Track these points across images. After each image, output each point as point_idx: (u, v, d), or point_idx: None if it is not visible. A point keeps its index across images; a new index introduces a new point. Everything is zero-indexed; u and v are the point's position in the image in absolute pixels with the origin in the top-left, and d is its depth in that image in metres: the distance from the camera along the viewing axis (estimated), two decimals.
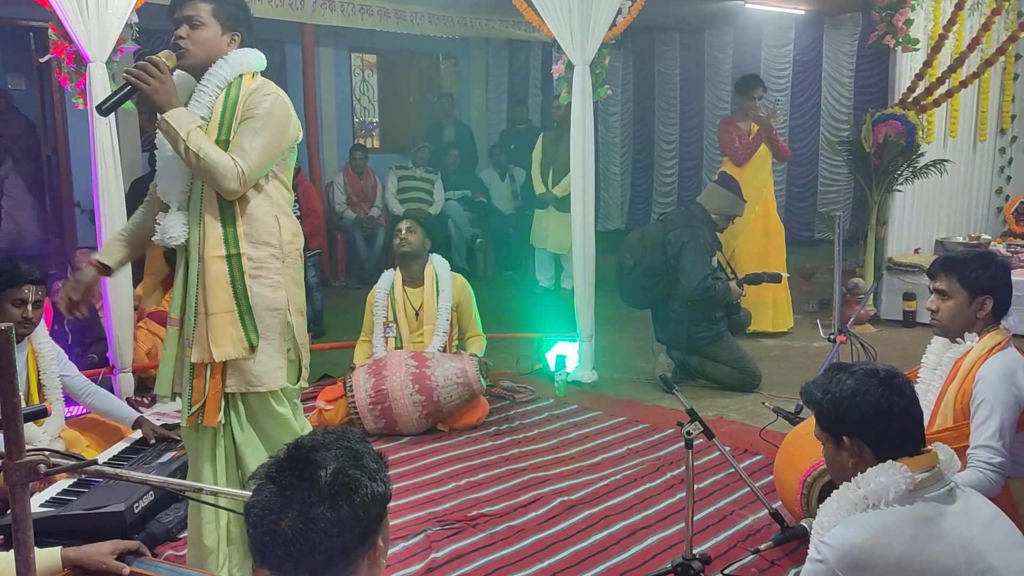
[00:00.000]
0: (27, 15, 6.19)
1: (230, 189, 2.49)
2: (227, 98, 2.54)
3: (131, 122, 7.21)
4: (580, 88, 4.83)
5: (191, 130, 2.45)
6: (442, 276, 4.64)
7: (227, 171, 2.46)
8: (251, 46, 2.62)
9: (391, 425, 4.22)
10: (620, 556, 3.08)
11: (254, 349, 2.54)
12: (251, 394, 2.58)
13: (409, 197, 8.34)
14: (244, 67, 2.57)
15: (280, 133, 2.55)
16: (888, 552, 1.74)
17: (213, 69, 2.54)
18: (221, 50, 2.55)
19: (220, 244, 2.52)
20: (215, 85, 2.54)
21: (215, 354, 2.51)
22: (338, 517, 1.32)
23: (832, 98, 9.34)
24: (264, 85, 2.57)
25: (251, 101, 2.53)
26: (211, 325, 2.51)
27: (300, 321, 2.67)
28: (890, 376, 1.89)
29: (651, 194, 10.87)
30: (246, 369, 2.55)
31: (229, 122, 2.52)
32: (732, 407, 4.68)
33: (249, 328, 2.54)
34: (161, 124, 2.47)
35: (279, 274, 2.60)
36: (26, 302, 3.38)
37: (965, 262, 2.67)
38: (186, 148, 2.44)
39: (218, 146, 2.49)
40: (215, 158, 2.45)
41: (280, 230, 2.60)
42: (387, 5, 7.87)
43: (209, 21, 2.52)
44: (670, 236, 4.90)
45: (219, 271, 2.52)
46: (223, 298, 2.51)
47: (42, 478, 1.34)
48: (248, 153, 2.49)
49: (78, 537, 2.51)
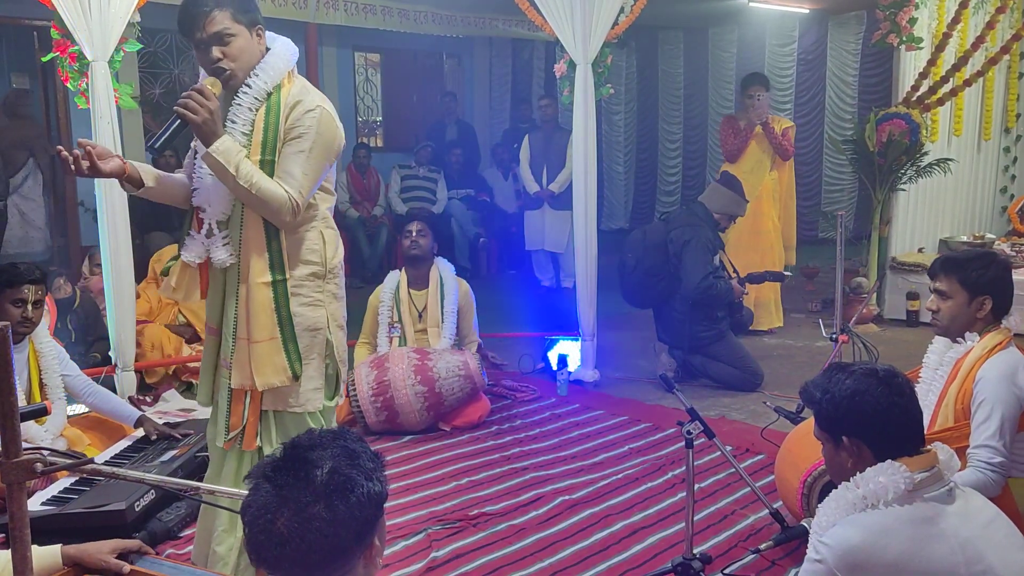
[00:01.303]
0: (31, 14, 6.21)
1: (285, 222, 2.40)
2: (268, 113, 2.39)
3: (135, 121, 7.23)
4: (582, 87, 4.82)
5: (239, 162, 2.32)
6: (448, 280, 4.66)
7: (280, 205, 2.35)
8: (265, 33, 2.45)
9: (393, 418, 4.22)
10: (620, 555, 3.07)
11: (298, 378, 2.46)
12: (287, 413, 2.51)
13: (412, 196, 8.35)
14: (280, 72, 2.41)
15: (328, 150, 2.43)
16: (887, 552, 1.74)
17: (249, 81, 2.38)
18: (256, 54, 2.40)
19: (266, 271, 2.42)
20: (253, 98, 2.39)
21: (257, 383, 2.43)
22: (334, 517, 1.32)
23: (836, 97, 9.32)
24: (306, 97, 2.41)
25: (295, 118, 2.38)
26: (254, 353, 2.42)
27: (340, 336, 2.59)
28: (889, 376, 1.89)
29: (655, 193, 10.85)
30: (285, 391, 2.48)
31: (273, 142, 2.39)
32: (734, 406, 4.68)
33: (293, 356, 2.45)
34: (207, 158, 2.34)
35: (319, 291, 2.50)
36: (26, 302, 3.39)
37: (965, 262, 2.66)
38: (235, 182, 2.33)
39: (263, 167, 2.37)
40: (267, 191, 2.34)
41: (324, 245, 2.51)
42: (391, 4, 7.86)
43: (236, 29, 2.36)
44: (672, 235, 4.90)
45: (264, 298, 2.42)
46: (267, 325, 2.42)
47: (39, 476, 1.34)
48: (299, 180, 2.37)
49: (79, 535, 2.50)
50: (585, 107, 4.84)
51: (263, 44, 2.44)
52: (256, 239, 2.42)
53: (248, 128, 2.39)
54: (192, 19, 2.36)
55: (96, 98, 4.16)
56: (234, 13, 2.36)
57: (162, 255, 5.27)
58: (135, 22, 4.32)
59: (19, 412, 1.31)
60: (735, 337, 5.09)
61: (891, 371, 1.91)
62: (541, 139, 7.24)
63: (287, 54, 2.46)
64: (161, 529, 3.14)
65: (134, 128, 7.24)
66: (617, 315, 5.95)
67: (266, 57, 2.42)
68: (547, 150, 7.16)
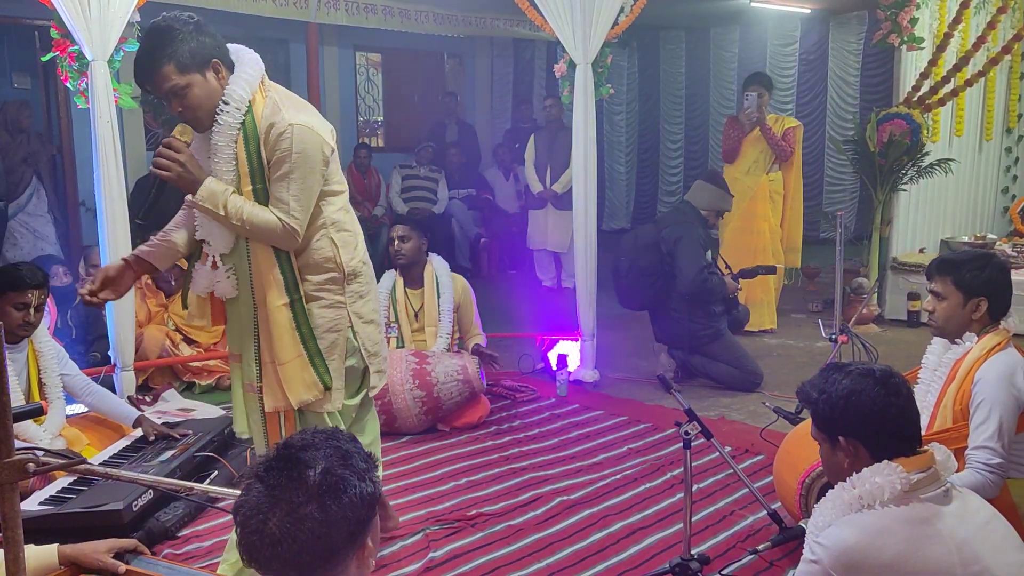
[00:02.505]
0: (32, 14, 6.21)
1: (287, 246, 2.45)
2: (247, 143, 2.40)
3: (135, 120, 7.22)
4: (583, 87, 4.82)
5: (226, 201, 2.38)
6: (442, 278, 4.65)
7: (276, 233, 2.41)
8: (230, 61, 2.43)
9: (391, 421, 4.22)
10: (619, 556, 3.07)
11: (329, 389, 2.54)
12: (311, 413, 2.59)
13: (413, 196, 8.35)
14: (244, 98, 2.40)
15: (312, 165, 2.42)
16: (882, 553, 1.73)
17: (218, 118, 2.39)
18: (218, 91, 2.40)
19: (282, 293, 2.46)
20: (228, 136, 2.40)
21: (292, 401, 2.50)
22: (326, 517, 1.31)
23: (838, 97, 9.31)
24: (276, 118, 2.39)
25: (272, 145, 2.40)
26: (284, 374, 2.48)
27: (368, 329, 2.63)
28: (886, 376, 1.88)
29: (656, 193, 10.84)
30: None
31: (259, 168, 2.42)
32: (733, 407, 4.67)
33: (321, 370, 2.52)
34: (196, 206, 2.44)
35: (339, 294, 2.55)
36: (28, 306, 3.38)
37: (960, 264, 2.65)
38: (229, 222, 2.41)
39: (256, 196, 2.41)
40: (261, 223, 2.40)
41: (337, 250, 2.54)
42: (392, 4, 7.86)
43: (187, 79, 2.35)
44: (663, 234, 4.93)
45: (284, 319, 2.47)
46: (291, 345, 2.47)
47: (31, 476, 1.34)
48: (289, 205, 2.40)
49: (76, 535, 2.51)
50: (585, 107, 4.83)
51: (224, 76, 2.42)
52: (266, 264, 2.46)
53: (232, 162, 2.42)
54: (144, 77, 2.38)
55: (96, 98, 4.16)
56: (180, 66, 2.34)
57: None
58: (135, 22, 4.32)
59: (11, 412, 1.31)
60: (733, 336, 5.09)
61: (888, 371, 1.91)
62: (546, 139, 7.25)
63: (248, 73, 2.43)
64: (159, 529, 3.14)
65: (134, 128, 7.24)
66: (616, 315, 5.94)
67: (228, 86, 2.41)
68: (552, 150, 7.17)
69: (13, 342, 3.43)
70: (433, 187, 8.40)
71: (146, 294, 5.15)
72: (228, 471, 3.57)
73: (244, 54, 2.49)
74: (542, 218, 7.34)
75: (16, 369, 3.48)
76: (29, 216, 6.91)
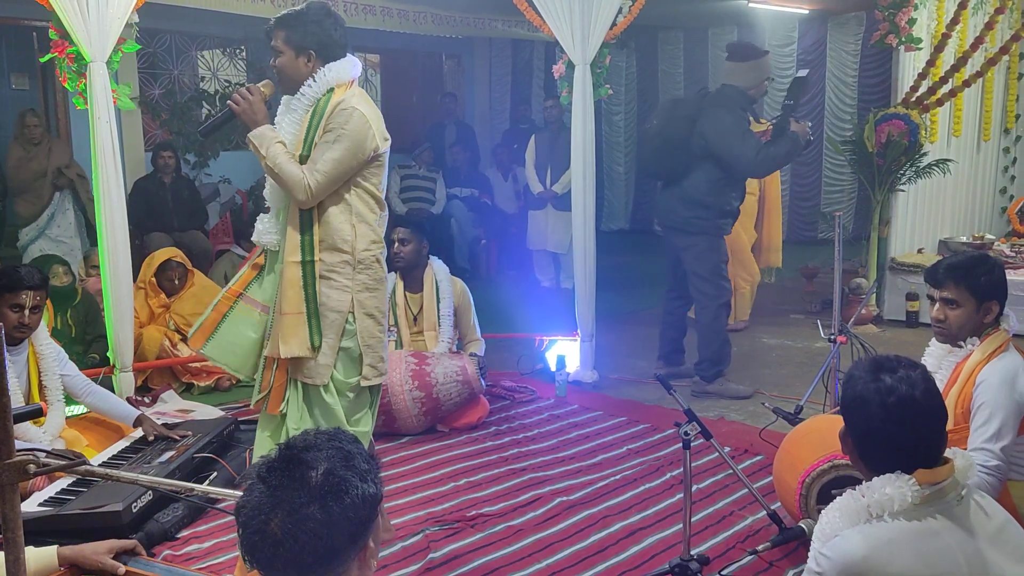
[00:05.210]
0: (30, 15, 6.21)
1: (299, 200, 2.75)
2: (313, 115, 2.79)
3: (134, 122, 7.22)
4: (581, 87, 4.82)
5: (270, 145, 2.76)
6: (442, 281, 4.65)
7: (296, 185, 2.72)
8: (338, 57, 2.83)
9: (390, 422, 4.22)
10: (618, 556, 3.07)
11: (316, 350, 2.79)
12: (310, 385, 2.85)
13: (412, 197, 8.34)
14: (331, 82, 2.80)
15: (355, 146, 2.75)
16: (889, 567, 1.68)
17: (303, 89, 2.80)
18: (301, 72, 2.81)
19: (297, 250, 2.78)
20: (303, 105, 2.80)
21: (282, 351, 2.77)
22: (328, 518, 1.32)
23: (836, 97, 9.32)
24: (348, 99, 2.77)
25: (332, 117, 2.75)
26: (283, 324, 2.78)
27: (368, 323, 2.87)
28: (900, 401, 1.76)
29: (655, 194, 10.82)
30: (303, 362, 2.82)
31: (311, 138, 2.78)
32: (733, 407, 4.67)
33: (314, 330, 2.78)
34: (248, 142, 2.81)
35: (349, 279, 2.82)
36: (23, 307, 3.38)
37: (970, 269, 2.62)
38: (263, 161, 2.77)
39: (300, 160, 2.76)
40: (287, 172, 2.73)
41: (355, 237, 2.82)
42: (390, 5, 7.84)
43: (284, 49, 2.81)
44: (705, 122, 4.65)
45: (294, 275, 2.77)
46: (295, 300, 2.77)
47: (31, 478, 1.34)
48: (317, 165, 2.72)
49: (76, 536, 2.51)
50: (583, 107, 4.83)
51: (311, 67, 2.82)
52: (294, 225, 2.80)
53: (297, 125, 2.82)
54: (276, 25, 2.86)
55: (94, 99, 4.14)
56: (287, 36, 2.82)
57: (153, 259, 5.23)
58: (133, 23, 4.30)
59: (11, 413, 1.31)
60: (724, 247, 4.91)
61: (906, 395, 1.77)
62: (547, 140, 7.25)
63: (341, 69, 2.83)
64: (158, 530, 3.14)
65: (133, 129, 7.23)
66: (616, 316, 5.95)
67: (321, 72, 2.80)
68: (552, 151, 7.16)
69: (9, 344, 3.42)
70: (431, 187, 8.39)
71: (148, 294, 5.14)
72: (228, 472, 3.57)
73: (350, 60, 2.88)
74: (542, 219, 7.33)
75: (16, 371, 3.47)
76: (51, 242, 6.24)
